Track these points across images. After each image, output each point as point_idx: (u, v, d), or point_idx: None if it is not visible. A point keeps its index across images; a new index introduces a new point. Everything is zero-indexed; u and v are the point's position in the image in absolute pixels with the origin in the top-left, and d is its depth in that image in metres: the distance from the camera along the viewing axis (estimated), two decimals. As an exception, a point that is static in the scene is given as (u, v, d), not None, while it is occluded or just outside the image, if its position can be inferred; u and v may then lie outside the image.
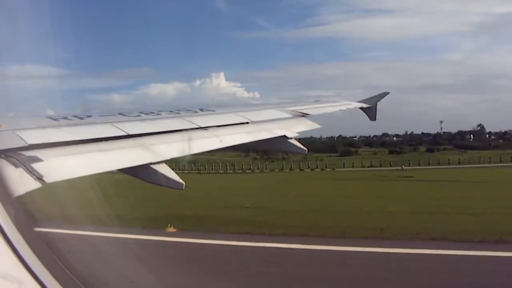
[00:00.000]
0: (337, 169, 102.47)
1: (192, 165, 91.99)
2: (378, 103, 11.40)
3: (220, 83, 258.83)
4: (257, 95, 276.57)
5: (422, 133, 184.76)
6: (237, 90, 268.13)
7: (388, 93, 11.66)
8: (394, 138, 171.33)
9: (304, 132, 7.57)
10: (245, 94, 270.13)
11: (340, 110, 9.66)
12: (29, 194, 2.87)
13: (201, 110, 6.59)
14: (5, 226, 2.19)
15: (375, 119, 12.38)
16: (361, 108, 11.03)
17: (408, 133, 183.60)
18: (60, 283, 2.23)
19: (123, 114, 5.63)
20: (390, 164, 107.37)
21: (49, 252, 2.45)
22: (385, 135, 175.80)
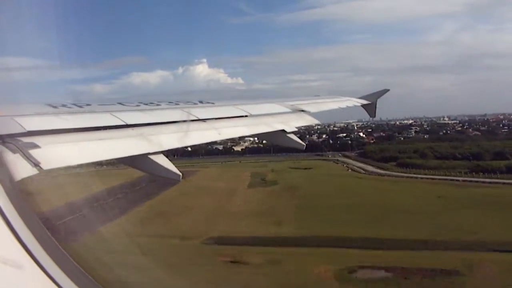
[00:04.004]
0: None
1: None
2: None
3: (203, 70, 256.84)
4: (240, 81, 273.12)
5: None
6: (220, 76, 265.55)
7: (388, 90, 11.63)
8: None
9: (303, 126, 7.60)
10: (229, 80, 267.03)
11: (340, 107, 9.65)
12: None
13: (201, 102, 6.60)
14: (6, 211, 2.21)
15: (374, 116, 12.35)
16: (362, 105, 11.01)
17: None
18: (61, 268, 2.26)
19: (122, 103, 5.64)
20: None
21: (49, 237, 2.47)
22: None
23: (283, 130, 6.62)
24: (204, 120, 5.64)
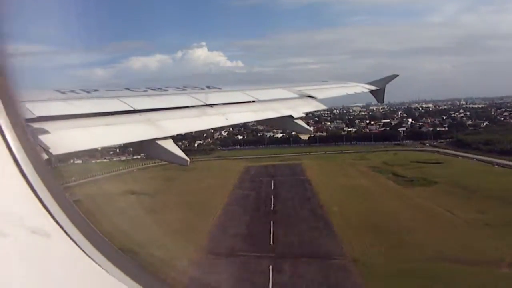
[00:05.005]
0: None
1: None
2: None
3: (202, 54, 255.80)
4: (240, 64, 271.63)
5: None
6: (220, 59, 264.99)
7: (397, 75, 11.51)
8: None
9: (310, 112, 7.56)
10: (228, 63, 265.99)
11: (347, 93, 9.58)
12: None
13: (208, 87, 6.58)
14: (35, 184, 2.33)
15: (383, 102, 12.26)
16: (370, 91, 10.91)
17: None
18: (87, 237, 2.40)
19: (130, 89, 5.65)
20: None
21: (76, 208, 2.60)
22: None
23: (291, 116, 6.60)
24: (211, 105, 5.64)
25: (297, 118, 6.65)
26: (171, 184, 67.61)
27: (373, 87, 10.87)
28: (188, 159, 4.43)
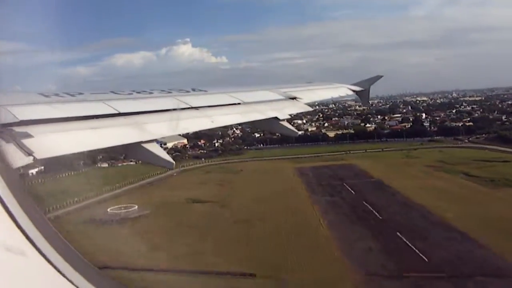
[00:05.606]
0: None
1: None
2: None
3: (186, 50, 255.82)
4: (225, 59, 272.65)
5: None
6: (204, 56, 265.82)
7: (382, 76, 11.66)
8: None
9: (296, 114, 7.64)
10: (213, 59, 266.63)
11: (332, 97, 9.70)
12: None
13: (193, 89, 6.61)
14: (7, 201, 2.28)
15: (368, 103, 12.41)
16: (355, 91, 11.02)
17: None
18: (62, 255, 2.35)
19: (115, 92, 5.64)
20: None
21: (50, 225, 2.55)
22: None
23: (276, 118, 6.67)
24: (197, 108, 5.67)
25: (282, 120, 6.72)
26: (230, 189, 64.87)
27: (358, 88, 10.97)
28: (173, 161, 4.46)
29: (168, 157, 4.42)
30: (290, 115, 7.18)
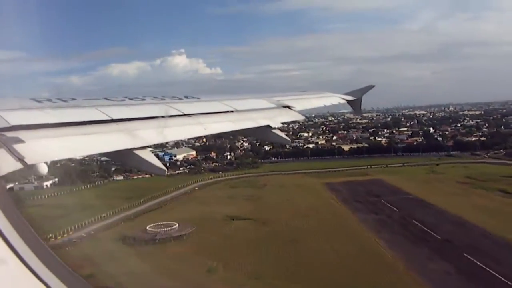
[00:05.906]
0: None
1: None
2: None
3: (181, 61, 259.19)
4: (219, 71, 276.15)
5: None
6: (199, 66, 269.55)
7: (373, 86, 11.77)
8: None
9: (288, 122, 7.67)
10: (207, 70, 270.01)
11: (325, 105, 9.76)
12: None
13: (186, 97, 6.63)
14: None
15: (360, 112, 12.49)
16: (347, 101, 11.10)
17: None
18: (43, 262, 2.30)
19: (108, 98, 5.64)
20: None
21: (32, 233, 2.51)
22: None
23: (269, 126, 6.70)
24: (189, 115, 5.68)
25: (274, 128, 6.75)
26: (263, 205, 63.51)
27: (350, 98, 11.06)
28: (166, 169, 4.46)
29: (160, 165, 4.42)
30: (282, 123, 7.21)
